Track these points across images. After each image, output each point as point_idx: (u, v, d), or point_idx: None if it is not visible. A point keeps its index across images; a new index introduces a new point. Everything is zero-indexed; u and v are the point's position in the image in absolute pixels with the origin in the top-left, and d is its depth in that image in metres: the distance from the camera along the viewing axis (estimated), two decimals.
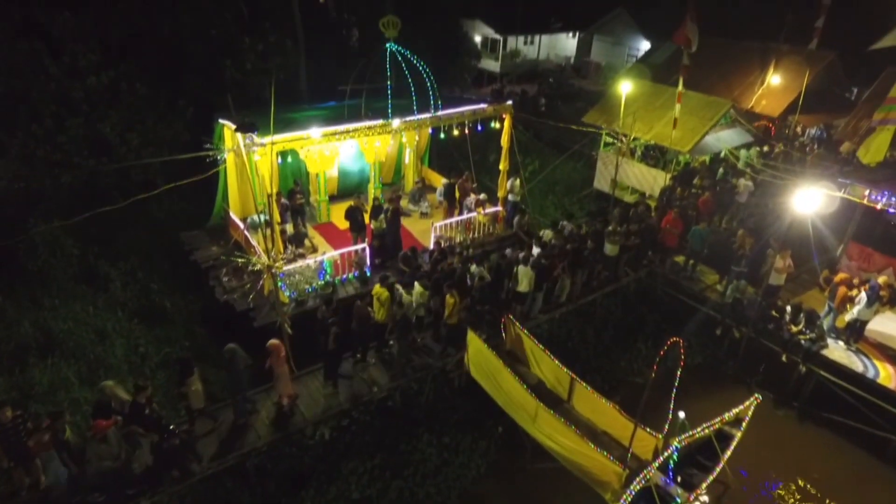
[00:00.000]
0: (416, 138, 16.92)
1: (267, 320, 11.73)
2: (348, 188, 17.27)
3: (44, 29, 15.14)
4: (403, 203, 16.02)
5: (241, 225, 13.56)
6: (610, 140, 19.37)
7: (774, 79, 23.26)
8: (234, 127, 10.25)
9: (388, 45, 13.44)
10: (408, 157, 17.94)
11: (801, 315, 12.85)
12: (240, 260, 10.40)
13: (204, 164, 12.02)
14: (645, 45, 36.93)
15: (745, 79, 24.10)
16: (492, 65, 38.24)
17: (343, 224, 15.27)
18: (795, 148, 21.34)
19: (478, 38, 38.45)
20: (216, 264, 13.46)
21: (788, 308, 13.08)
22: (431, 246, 14.30)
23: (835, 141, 21.63)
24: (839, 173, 15.67)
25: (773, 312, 13.19)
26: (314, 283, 12.76)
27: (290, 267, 12.22)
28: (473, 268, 12.25)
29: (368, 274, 13.42)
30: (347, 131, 12.61)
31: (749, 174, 18.08)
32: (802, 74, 21.43)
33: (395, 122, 13.32)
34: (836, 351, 12.64)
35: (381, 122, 13.13)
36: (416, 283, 11.43)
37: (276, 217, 11.56)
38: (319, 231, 15.30)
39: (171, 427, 8.50)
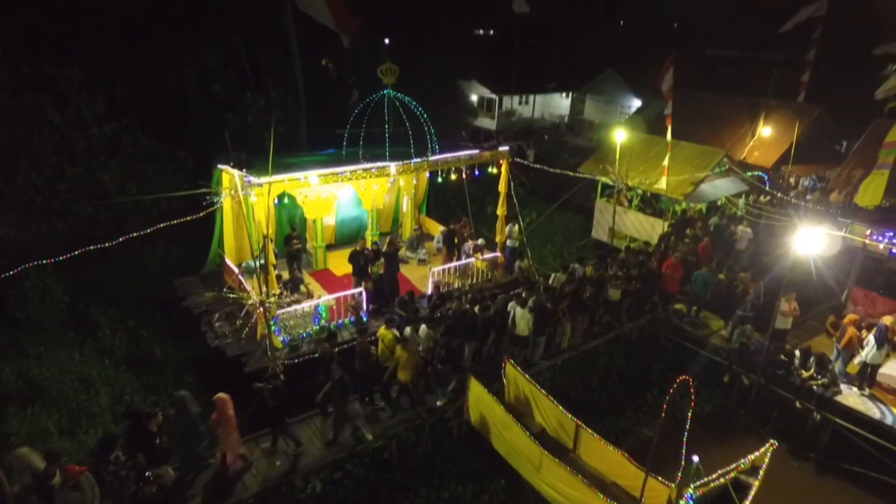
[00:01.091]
0: (415, 182, 16.99)
1: (258, 365, 11.27)
2: (346, 237, 17.19)
3: (50, 81, 15.45)
4: (401, 251, 15.88)
5: (236, 270, 13.35)
6: (608, 181, 19.47)
7: (765, 131, 23.85)
8: (230, 165, 10.21)
9: (385, 91, 13.70)
10: (405, 206, 17.98)
11: (812, 360, 12.47)
12: (231, 296, 10.10)
13: (200, 208, 11.96)
14: (636, 104, 38.07)
15: (736, 131, 24.72)
16: (488, 123, 39.25)
17: (340, 270, 15.10)
18: (791, 197, 21.52)
19: (474, 98, 39.68)
20: (209, 310, 13.15)
21: (797, 353, 12.71)
22: (430, 291, 14.06)
23: (827, 190, 21.87)
24: (839, 215, 15.72)
25: (782, 357, 12.81)
26: (309, 328, 12.42)
27: (285, 311, 11.92)
28: (477, 309, 11.96)
29: (365, 319, 13.10)
30: (345, 173, 12.64)
31: (748, 220, 18.11)
32: (792, 127, 21.90)
33: (393, 166, 13.39)
34: (851, 397, 12.17)
35: (378, 164, 13.19)
36: (423, 325, 11.15)
37: (272, 259, 11.37)
38: (315, 277, 15.07)
39: (147, 473, 7.96)
